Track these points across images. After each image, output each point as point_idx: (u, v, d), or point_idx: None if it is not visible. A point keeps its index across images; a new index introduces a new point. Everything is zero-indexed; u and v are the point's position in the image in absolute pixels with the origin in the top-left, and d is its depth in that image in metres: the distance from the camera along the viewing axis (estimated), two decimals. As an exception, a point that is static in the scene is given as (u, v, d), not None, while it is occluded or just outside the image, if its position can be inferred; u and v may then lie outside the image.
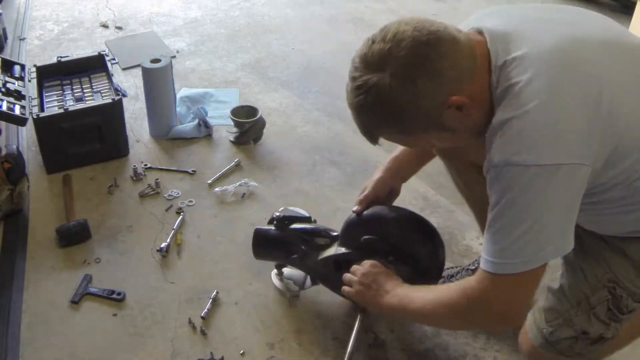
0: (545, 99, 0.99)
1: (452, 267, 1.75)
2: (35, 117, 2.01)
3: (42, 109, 2.11)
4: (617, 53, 1.07)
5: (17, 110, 2.03)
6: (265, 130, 2.32)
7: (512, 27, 1.08)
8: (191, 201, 2.02)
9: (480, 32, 1.09)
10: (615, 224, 1.16)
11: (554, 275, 1.28)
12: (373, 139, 1.14)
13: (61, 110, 2.06)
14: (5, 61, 2.32)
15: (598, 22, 1.16)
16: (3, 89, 2.10)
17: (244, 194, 2.06)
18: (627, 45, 1.10)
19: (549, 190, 0.99)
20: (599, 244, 1.20)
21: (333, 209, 1.98)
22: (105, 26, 3.23)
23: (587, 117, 0.99)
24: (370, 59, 1.04)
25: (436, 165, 2.20)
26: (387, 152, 2.27)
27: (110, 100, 2.11)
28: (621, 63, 1.06)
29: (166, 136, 2.33)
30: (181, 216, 1.94)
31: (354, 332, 1.48)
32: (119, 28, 3.21)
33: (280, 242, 1.62)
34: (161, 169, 2.17)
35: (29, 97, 2.14)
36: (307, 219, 1.66)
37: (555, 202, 1.01)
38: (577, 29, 1.09)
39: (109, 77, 2.28)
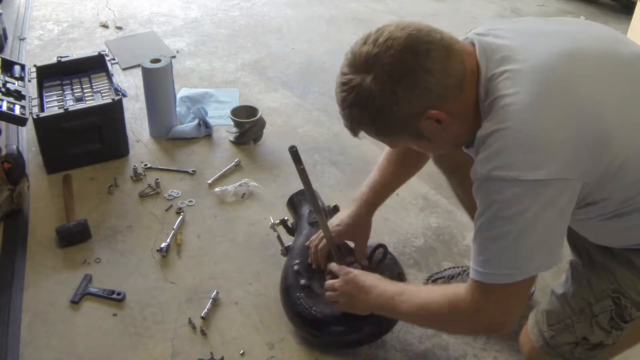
0: (529, 115, 0.99)
1: (453, 268, 1.76)
2: (35, 117, 2.01)
3: (42, 109, 2.10)
4: (612, 67, 1.07)
5: (17, 110, 2.03)
6: (265, 130, 2.32)
7: (508, 40, 1.08)
8: (191, 201, 2.02)
9: (473, 44, 1.09)
10: (621, 237, 1.16)
11: (559, 279, 1.29)
12: (354, 132, 1.16)
13: (61, 110, 2.06)
14: (5, 61, 2.32)
15: (597, 34, 1.15)
16: (3, 89, 2.10)
17: (244, 194, 2.06)
18: (623, 57, 1.09)
19: (532, 205, 1.00)
20: (606, 255, 1.20)
21: (333, 209, 1.98)
22: (105, 26, 3.23)
23: (573, 134, 0.99)
24: (358, 58, 1.06)
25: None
26: (387, 152, 2.28)
27: (110, 100, 2.11)
28: (615, 77, 1.06)
29: (166, 136, 2.33)
30: (181, 216, 1.94)
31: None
32: (119, 28, 3.21)
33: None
34: (161, 169, 2.17)
35: (29, 97, 2.14)
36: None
37: (538, 217, 1.01)
38: (574, 42, 1.08)
39: (109, 77, 2.28)
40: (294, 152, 1.41)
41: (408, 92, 1.02)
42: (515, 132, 0.99)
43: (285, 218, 1.76)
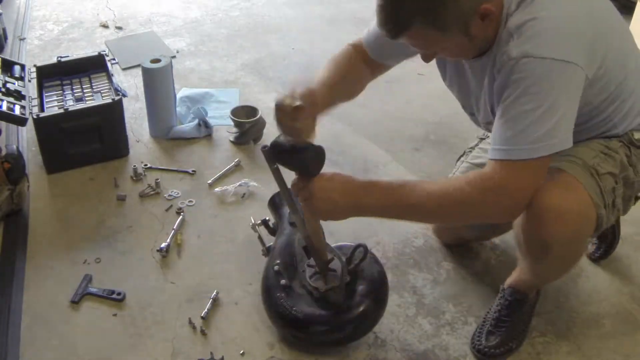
0: (559, 7, 1.18)
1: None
2: (35, 117, 2.01)
3: (42, 109, 2.11)
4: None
5: (17, 110, 2.03)
6: (265, 130, 2.32)
7: None
8: (191, 201, 2.02)
9: None
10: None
11: None
12: (398, 30, 1.19)
13: (61, 110, 2.06)
14: (5, 61, 2.32)
15: None
16: (3, 89, 2.10)
17: (244, 194, 2.06)
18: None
19: (559, 82, 1.15)
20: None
21: (333, 209, 1.98)
22: (105, 26, 3.24)
23: (587, 28, 1.19)
24: None
25: (437, 165, 2.21)
26: (387, 152, 2.28)
27: (110, 100, 2.11)
28: (615, 14, 1.34)
29: (166, 136, 2.33)
30: (181, 216, 1.94)
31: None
32: (119, 28, 3.21)
33: None
34: (161, 169, 2.17)
35: (29, 97, 2.14)
36: None
37: (563, 94, 1.16)
38: None
39: (109, 77, 2.28)
40: (266, 152, 1.36)
41: None
42: (547, 20, 1.16)
43: (267, 218, 1.77)
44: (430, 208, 1.26)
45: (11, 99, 2.06)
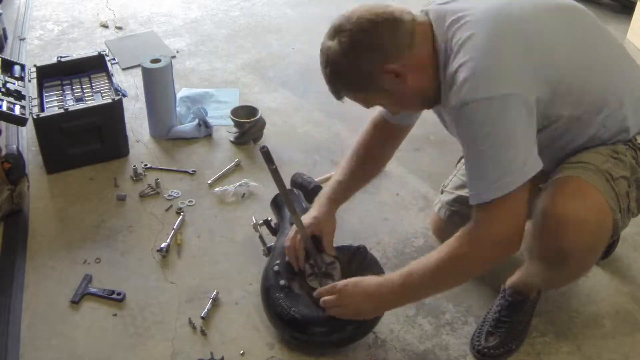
0: (485, 47, 1.20)
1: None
2: (35, 117, 2.01)
3: (42, 109, 2.10)
4: (550, 10, 1.31)
5: (17, 110, 2.03)
6: (265, 130, 2.32)
7: (460, 3, 1.29)
8: (191, 201, 2.02)
9: (426, 12, 1.31)
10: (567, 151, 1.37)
11: None
12: (336, 95, 1.38)
13: (61, 110, 2.06)
14: (5, 61, 2.32)
15: None
16: (3, 89, 2.10)
17: (244, 194, 2.06)
18: (561, 5, 1.35)
19: (502, 117, 1.18)
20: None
21: (333, 209, 1.98)
22: (105, 26, 3.23)
23: (521, 59, 1.20)
24: (330, 29, 1.32)
25: (437, 165, 2.21)
26: (387, 152, 2.28)
27: (110, 100, 2.11)
28: (553, 17, 1.30)
29: (166, 136, 2.33)
30: (181, 216, 1.94)
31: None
32: (119, 28, 3.21)
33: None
34: (161, 169, 2.17)
35: (29, 97, 2.14)
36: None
37: (510, 127, 1.18)
38: None
39: (109, 77, 2.28)
40: (265, 153, 1.44)
41: (367, 51, 1.25)
42: (475, 60, 1.19)
43: (269, 218, 1.77)
44: (437, 284, 1.37)
45: (11, 99, 2.06)
